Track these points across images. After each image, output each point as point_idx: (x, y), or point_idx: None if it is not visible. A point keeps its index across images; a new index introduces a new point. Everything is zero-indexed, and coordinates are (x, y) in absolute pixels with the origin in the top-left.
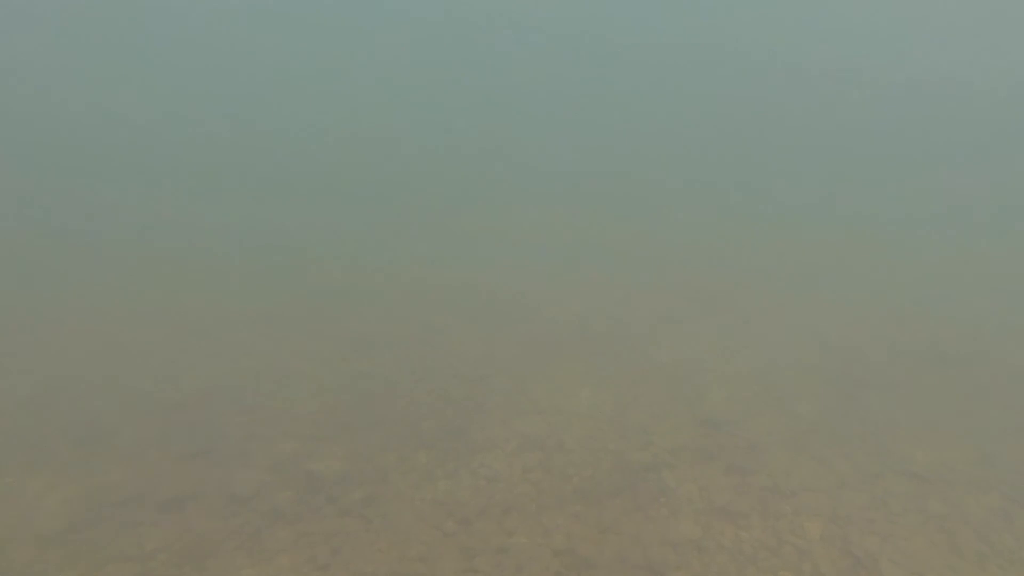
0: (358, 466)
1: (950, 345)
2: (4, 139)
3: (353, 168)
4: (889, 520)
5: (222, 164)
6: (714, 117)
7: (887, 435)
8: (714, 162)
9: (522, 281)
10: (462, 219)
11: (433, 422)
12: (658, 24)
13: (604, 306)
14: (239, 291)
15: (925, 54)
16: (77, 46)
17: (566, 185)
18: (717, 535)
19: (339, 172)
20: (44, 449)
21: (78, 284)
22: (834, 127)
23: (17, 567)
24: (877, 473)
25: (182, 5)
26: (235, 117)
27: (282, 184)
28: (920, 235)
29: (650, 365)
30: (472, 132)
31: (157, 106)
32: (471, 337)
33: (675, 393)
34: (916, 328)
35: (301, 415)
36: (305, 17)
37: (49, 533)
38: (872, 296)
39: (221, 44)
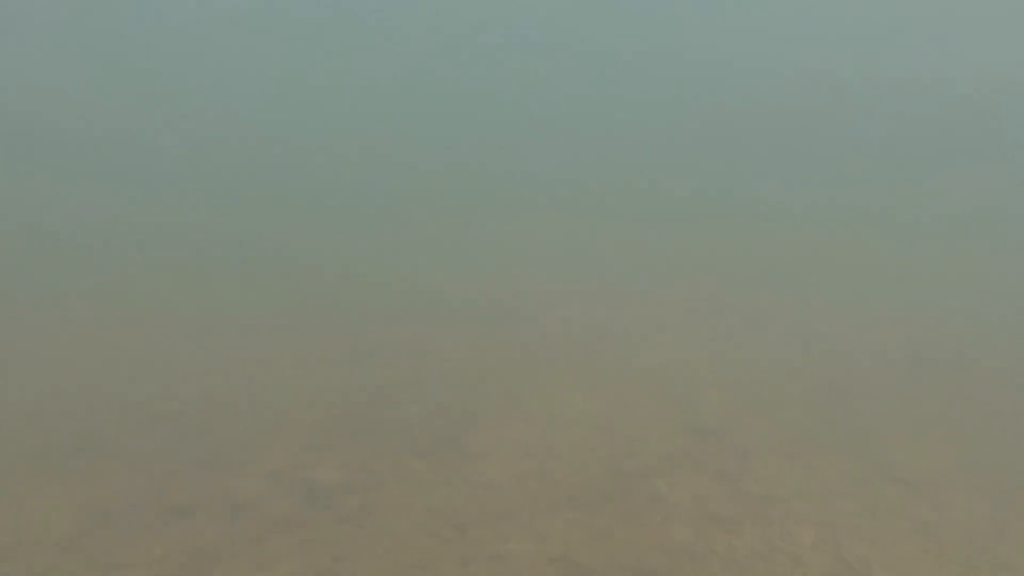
0: (355, 475)
1: (940, 351)
2: None
3: (345, 176)
4: (879, 526)
5: (214, 172)
6: (706, 122)
7: (877, 441)
8: (705, 168)
9: (513, 288)
10: (452, 228)
11: (427, 431)
12: (651, 32)
13: (595, 313)
14: (234, 301)
15: (922, 56)
16: (71, 48)
17: (556, 192)
18: (710, 542)
19: (332, 181)
20: (49, 459)
21: (72, 294)
22: (827, 131)
23: (36, 571)
24: (867, 479)
25: (180, 14)
26: (230, 125)
27: (274, 193)
28: (911, 239)
29: (641, 371)
30: (463, 141)
31: (152, 111)
32: (463, 345)
33: (666, 400)
34: (906, 333)
35: (298, 425)
36: (304, 25)
37: (60, 539)
38: (863, 301)
39: (218, 51)
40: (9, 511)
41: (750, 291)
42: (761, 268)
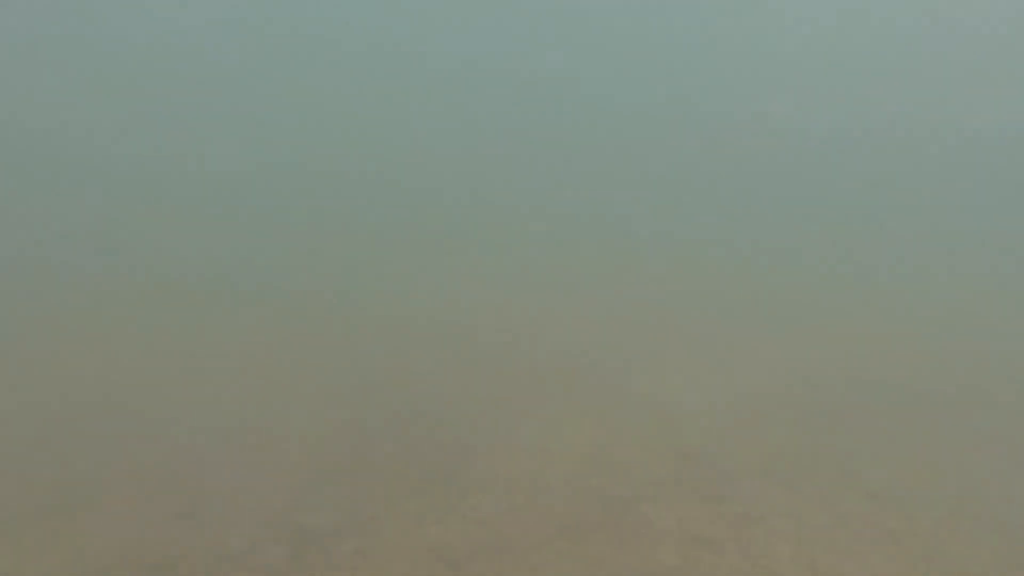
0: (348, 517)
1: (924, 381)
2: None
3: (334, 206)
4: (850, 537)
5: (202, 195)
6: (694, 151)
7: (852, 463)
8: (694, 196)
9: (501, 319)
10: (440, 258)
11: (420, 468)
12: (640, 55)
13: (583, 342)
14: (219, 338)
15: (914, 99)
16: (68, 64)
17: (544, 221)
18: (695, 563)
19: (320, 210)
20: (23, 513)
21: (51, 326)
22: (818, 162)
23: None
24: (840, 496)
25: (171, 38)
26: (221, 149)
27: (258, 221)
28: (905, 269)
29: (629, 400)
30: (449, 171)
31: (143, 135)
32: (453, 379)
33: (653, 427)
34: (893, 363)
35: (289, 467)
36: (297, 48)
37: None
38: (850, 331)
39: (210, 73)
40: None
41: (740, 320)
42: (752, 296)
